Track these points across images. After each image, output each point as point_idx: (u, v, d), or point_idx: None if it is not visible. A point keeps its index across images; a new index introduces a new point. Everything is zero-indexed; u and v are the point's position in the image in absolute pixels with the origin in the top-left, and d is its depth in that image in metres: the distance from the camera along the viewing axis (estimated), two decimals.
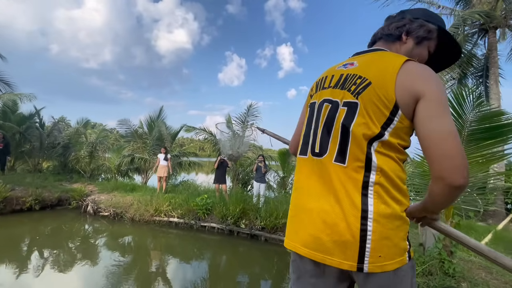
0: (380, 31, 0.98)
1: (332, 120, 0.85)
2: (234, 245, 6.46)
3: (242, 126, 9.35)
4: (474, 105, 2.24)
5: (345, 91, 0.85)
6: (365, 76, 0.82)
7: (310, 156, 0.89)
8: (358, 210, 0.75)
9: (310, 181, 0.87)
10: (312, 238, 0.81)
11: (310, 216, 0.83)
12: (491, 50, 8.73)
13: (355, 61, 0.90)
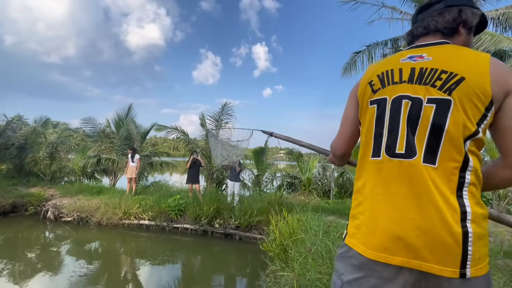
0: (433, 23, 0.92)
1: (417, 119, 0.79)
2: (208, 246, 6.38)
3: (216, 125, 9.24)
4: None
5: (428, 86, 0.80)
6: (452, 71, 0.78)
7: (385, 157, 0.83)
8: (457, 212, 0.73)
9: (392, 184, 0.81)
10: (402, 243, 0.77)
11: (398, 221, 0.78)
12: None
13: (424, 54, 0.86)
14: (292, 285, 2.21)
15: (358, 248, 0.84)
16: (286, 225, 3.69)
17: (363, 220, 0.85)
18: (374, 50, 10.93)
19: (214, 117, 9.14)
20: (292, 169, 12.24)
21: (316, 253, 2.56)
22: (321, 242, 2.77)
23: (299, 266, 2.49)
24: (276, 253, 3.39)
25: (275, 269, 3.01)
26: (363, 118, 0.93)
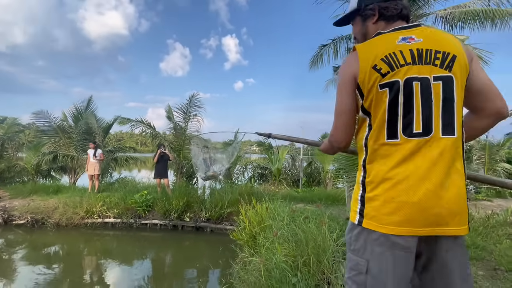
0: (406, 10, 1.03)
1: (429, 96, 0.87)
2: (179, 240, 6.29)
3: (185, 117, 8.99)
4: None
5: (431, 65, 0.88)
6: (445, 51, 0.89)
7: (403, 138, 0.88)
8: (463, 177, 0.88)
9: (412, 162, 0.86)
10: (428, 214, 0.84)
11: (423, 195, 0.84)
12: None
13: (413, 36, 0.93)
14: (260, 270, 2.28)
15: (382, 228, 0.88)
16: (255, 213, 3.76)
17: (384, 201, 0.88)
18: (339, 44, 11.36)
19: (182, 109, 8.87)
20: (264, 161, 12.43)
21: (283, 237, 2.67)
22: (287, 227, 2.88)
23: (266, 251, 2.58)
24: (246, 241, 3.46)
25: (245, 257, 3.08)
26: (371, 104, 0.92)
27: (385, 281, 0.89)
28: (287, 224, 2.99)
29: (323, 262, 2.25)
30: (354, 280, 0.96)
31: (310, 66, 12.11)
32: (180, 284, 4.40)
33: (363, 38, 1.09)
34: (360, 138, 0.99)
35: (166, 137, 9.14)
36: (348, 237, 1.01)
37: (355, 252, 0.96)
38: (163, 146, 7.41)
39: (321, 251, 2.38)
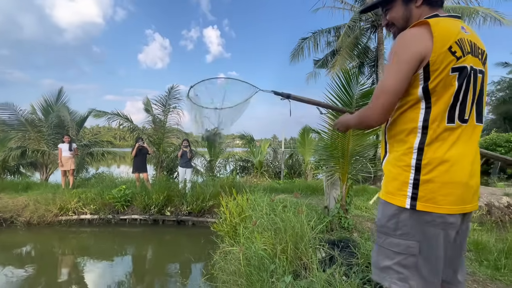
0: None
1: (476, 87, 0.97)
2: (160, 234, 6.20)
3: (164, 110, 8.76)
4: (358, 84, 2.70)
5: (477, 59, 0.97)
6: (481, 47, 0.99)
7: (458, 123, 0.95)
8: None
9: (462, 145, 0.96)
10: (472, 192, 0.98)
11: (470, 175, 0.96)
12: (380, 44, 10.50)
13: (464, 26, 0.99)
14: (239, 259, 2.31)
15: (440, 209, 0.93)
16: (236, 205, 3.79)
17: (443, 182, 0.93)
18: (319, 37, 11.50)
19: (161, 101, 8.62)
20: (246, 154, 12.46)
21: (262, 226, 2.71)
22: (266, 216, 2.93)
23: (246, 241, 2.62)
24: (226, 232, 3.49)
25: (225, 247, 3.10)
26: (437, 86, 0.92)
27: (436, 258, 0.96)
28: (267, 214, 3.04)
29: (300, 248, 2.32)
30: (403, 264, 0.97)
31: (291, 59, 12.21)
32: (162, 278, 4.36)
33: (405, 23, 1.07)
34: (410, 120, 0.98)
35: (144, 130, 8.88)
36: (391, 222, 1.00)
37: (403, 236, 0.97)
38: (141, 140, 7.20)
39: (299, 238, 2.45)
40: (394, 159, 1.03)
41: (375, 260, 1.07)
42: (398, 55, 0.95)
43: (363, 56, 11.56)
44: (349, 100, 2.90)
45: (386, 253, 1.02)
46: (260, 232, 2.62)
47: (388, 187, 1.04)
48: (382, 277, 1.04)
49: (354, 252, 2.61)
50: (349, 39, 10.00)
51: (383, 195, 1.06)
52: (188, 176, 7.15)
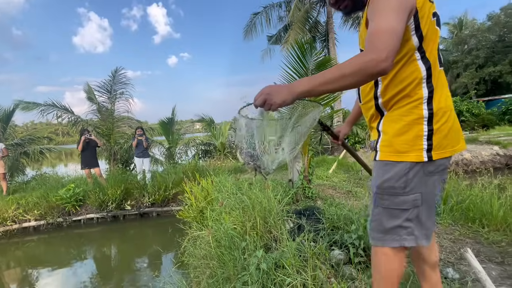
0: None
1: None
2: (122, 230, 5.83)
3: (109, 97, 7.92)
4: (312, 55, 2.69)
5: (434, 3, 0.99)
6: None
7: (439, 69, 0.99)
8: None
9: (446, 89, 0.99)
10: (460, 134, 1.02)
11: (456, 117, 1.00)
12: (329, 17, 10.73)
13: None
14: (209, 242, 2.24)
15: (448, 153, 0.97)
16: (200, 189, 3.66)
17: (449, 127, 0.96)
18: (271, 12, 11.29)
19: (105, 87, 7.75)
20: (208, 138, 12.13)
21: (230, 206, 2.66)
22: (233, 196, 2.88)
23: (214, 223, 2.55)
24: (194, 217, 3.38)
25: (193, 232, 3.01)
26: (428, 33, 0.92)
27: (433, 204, 1.01)
28: (233, 193, 2.99)
29: (269, 222, 2.33)
30: (409, 218, 0.97)
31: (245, 36, 11.88)
32: (132, 275, 4.14)
33: None
34: (411, 73, 0.94)
35: (90, 121, 7.98)
36: (401, 181, 0.96)
37: (411, 191, 0.96)
38: (87, 132, 6.46)
39: (267, 213, 2.46)
40: (399, 114, 0.97)
41: (378, 224, 1.02)
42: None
43: (315, 31, 11.74)
44: (305, 71, 2.88)
45: (393, 214, 0.99)
46: (228, 212, 2.57)
47: (395, 146, 0.97)
48: (389, 239, 1.00)
49: (320, 219, 2.74)
50: (300, 13, 10.00)
51: (388, 156, 0.98)
52: (146, 166, 6.72)
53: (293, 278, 1.49)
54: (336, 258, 1.93)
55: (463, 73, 23.28)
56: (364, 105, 1.12)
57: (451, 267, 1.91)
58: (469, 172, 7.28)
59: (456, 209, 2.96)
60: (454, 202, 3.03)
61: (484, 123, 13.65)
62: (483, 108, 14.87)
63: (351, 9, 1.11)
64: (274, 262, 1.75)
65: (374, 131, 1.08)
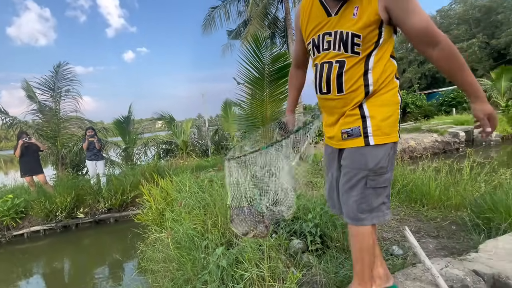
0: None
1: None
2: (75, 241, 5.34)
3: (53, 95, 7.12)
4: (268, 49, 2.71)
5: None
6: None
7: None
8: None
9: None
10: None
11: None
12: (287, 14, 10.93)
13: None
14: (168, 243, 2.16)
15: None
16: (160, 190, 3.50)
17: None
18: (229, 6, 11.13)
19: (47, 84, 6.93)
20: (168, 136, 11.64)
21: (190, 206, 2.59)
22: (194, 195, 2.81)
23: (175, 223, 2.46)
24: (153, 220, 3.22)
25: (153, 235, 2.87)
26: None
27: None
28: (195, 192, 2.92)
29: None
30: (387, 194, 1.13)
31: (203, 30, 11.55)
32: None
33: None
34: (392, 64, 1.11)
35: (29, 123, 7.10)
36: (385, 160, 1.09)
37: (390, 169, 1.12)
38: (26, 135, 5.75)
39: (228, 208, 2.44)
40: (386, 100, 1.09)
41: (367, 204, 1.10)
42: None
43: (274, 27, 11.89)
44: (261, 66, 2.90)
45: (378, 192, 1.10)
46: (188, 212, 2.50)
47: (383, 129, 1.07)
48: (375, 216, 1.12)
49: None
50: (258, 9, 10.02)
51: (378, 140, 1.07)
52: (100, 170, 6.22)
53: (250, 272, 1.50)
54: (295, 247, 2.00)
55: (408, 68, 25.71)
56: (347, 95, 1.10)
57: (396, 244, 2.10)
58: (414, 158, 8.09)
59: (402, 192, 3.26)
60: (400, 185, 3.33)
61: (425, 113, 15.26)
62: (424, 100, 16.61)
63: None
64: (234, 258, 1.74)
65: (351, 118, 1.11)
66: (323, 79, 1.12)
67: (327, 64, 1.10)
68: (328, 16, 1.09)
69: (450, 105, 15.40)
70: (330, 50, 1.09)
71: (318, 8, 1.12)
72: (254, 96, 3.49)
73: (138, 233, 3.77)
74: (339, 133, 1.14)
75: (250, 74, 3.13)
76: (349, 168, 1.13)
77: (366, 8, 1.01)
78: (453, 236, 2.25)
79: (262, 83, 3.14)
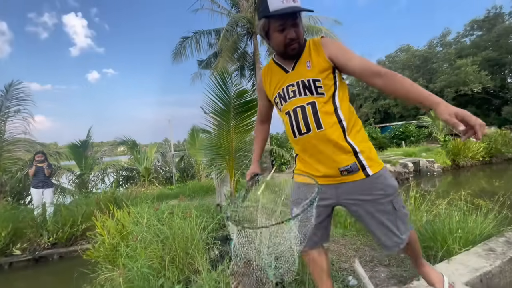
0: None
1: None
2: (7, 284, 4.58)
3: (1, 115, 6.48)
4: (233, 85, 2.87)
5: None
6: None
7: None
8: None
9: None
10: None
11: None
12: (256, 50, 11.67)
13: None
14: (119, 283, 1.99)
15: None
16: (115, 222, 3.26)
17: None
18: (200, 38, 11.55)
19: None
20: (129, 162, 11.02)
21: (147, 240, 2.45)
22: (153, 227, 2.67)
23: (129, 260, 2.29)
24: (105, 257, 2.95)
25: (104, 274, 2.62)
26: None
27: None
28: (153, 224, 2.78)
29: (191, 253, 2.24)
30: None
31: (174, 58, 11.71)
32: None
33: (302, 41, 1.28)
34: (351, 106, 1.30)
35: None
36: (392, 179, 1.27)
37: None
38: None
39: (189, 242, 2.36)
40: (363, 136, 1.27)
41: (405, 221, 1.28)
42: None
43: (243, 60, 12.52)
44: (227, 99, 3.03)
45: (404, 210, 1.31)
46: (144, 247, 2.36)
47: (373, 160, 1.24)
48: (409, 228, 1.31)
49: None
50: (228, 43, 10.56)
51: (374, 169, 1.22)
52: (47, 198, 5.62)
53: None
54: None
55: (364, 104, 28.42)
56: (326, 130, 1.19)
57: (352, 275, 2.20)
58: None
59: None
60: None
61: (380, 145, 16.70)
62: (379, 133, 18.27)
63: (297, 52, 1.26)
64: None
65: (345, 155, 1.20)
66: (300, 121, 1.22)
67: (300, 108, 1.22)
68: (286, 73, 1.29)
69: (400, 138, 17.12)
70: (296, 97, 1.24)
71: (276, 69, 1.34)
72: (220, 126, 3.58)
73: (85, 272, 3.38)
74: (336, 171, 1.21)
75: (217, 105, 3.24)
76: (371, 203, 1.23)
77: (317, 59, 1.22)
78: (401, 264, 2.42)
79: (228, 115, 3.25)
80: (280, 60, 1.33)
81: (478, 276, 1.65)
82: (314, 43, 1.26)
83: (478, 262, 1.80)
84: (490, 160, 12.60)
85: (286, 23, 1.18)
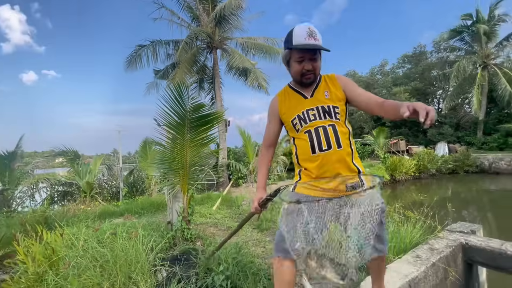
0: None
1: None
2: None
3: None
4: (189, 98, 2.82)
5: None
6: None
7: None
8: None
9: None
10: None
11: None
12: (215, 64, 11.75)
13: None
14: None
15: None
16: (44, 247, 2.82)
17: None
18: (158, 48, 11.19)
19: None
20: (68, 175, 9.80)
21: (82, 266, 2.16)
22: (91, 251, 2.38)
23: None
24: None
25: None
26: None
27: None
28: (92, 247, 2.48)
29: (133, 277, 2.05)
30: None
31: (127, 66, 11.08)
32: None
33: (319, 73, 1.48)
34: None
35: None
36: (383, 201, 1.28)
37: None
38: None
39: (133, 266, 2.16)
40: (359, 159, 1.46)
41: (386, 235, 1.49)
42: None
43: (202, 73, 12.46)
44: (183, 112, 2.96)
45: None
46: (78, 274, 2.08)
47: (367, 178, 1.39)
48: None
49: (195, 262, 2.65)
50: (187, 55, 10.45)
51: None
52: None
53: None
54: None
55: None
56: (343, 149, 1.39)
57: None
58: None
59: None
60: None
61: None
62: None
63: (311, 82, 1.46)
64: None
65: (352, 173, 1.40)
66: (322, 138, 1.38)
67: (322, 128, 1.39)
68: (305, 99, 1.47)
69: None
70: (316, 119, 1.41)
71: (294, 94, 1.51)
72: (174, 139, 3.46)
73: None
74: (343, 186, 1.36)
75: (172, 118, 3.14)
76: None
77: (334, 90, 1.45)
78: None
79: (183, 129, 3.16)
80: (298, 87, 1.51)
81: (407, 282, 1.83)
82: (329, 77, 1.49)
83: (407, 269, 2.01)
84: (419, 175, 14.51)
85: (305, 56, 1.37)
